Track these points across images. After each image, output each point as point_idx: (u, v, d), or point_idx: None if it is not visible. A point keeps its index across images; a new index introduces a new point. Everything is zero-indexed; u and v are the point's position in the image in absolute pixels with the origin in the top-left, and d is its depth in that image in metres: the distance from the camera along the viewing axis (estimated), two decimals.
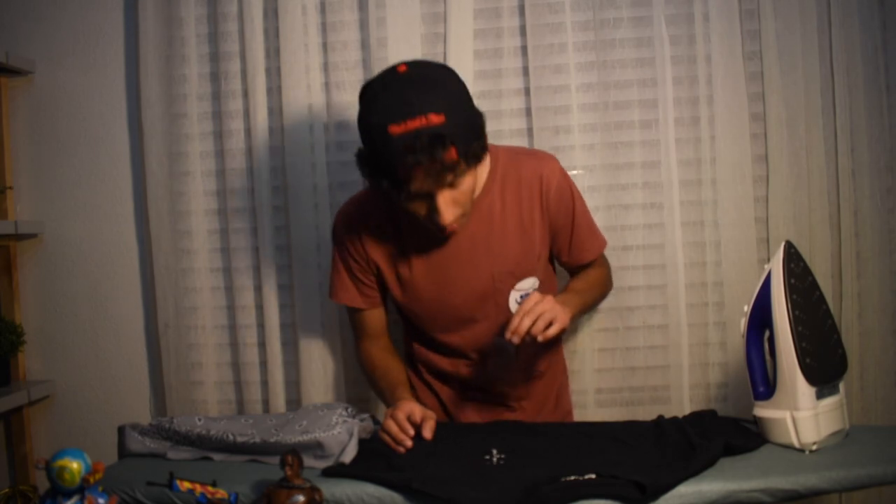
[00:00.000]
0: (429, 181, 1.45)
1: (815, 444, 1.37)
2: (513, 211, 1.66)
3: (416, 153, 1.39)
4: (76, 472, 1.13)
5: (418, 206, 1.51)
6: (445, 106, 1.42)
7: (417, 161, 1.40)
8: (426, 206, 1.51)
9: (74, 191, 2.21)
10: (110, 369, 2.22)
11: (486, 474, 1.32)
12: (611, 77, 2.01)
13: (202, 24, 2.11)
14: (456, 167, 1.44)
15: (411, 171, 1.42)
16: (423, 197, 1.49)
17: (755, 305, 1.45)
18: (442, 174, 1.44)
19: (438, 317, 1.72)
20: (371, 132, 1.44)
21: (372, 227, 1.69)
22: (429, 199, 1.49)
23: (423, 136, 1.39)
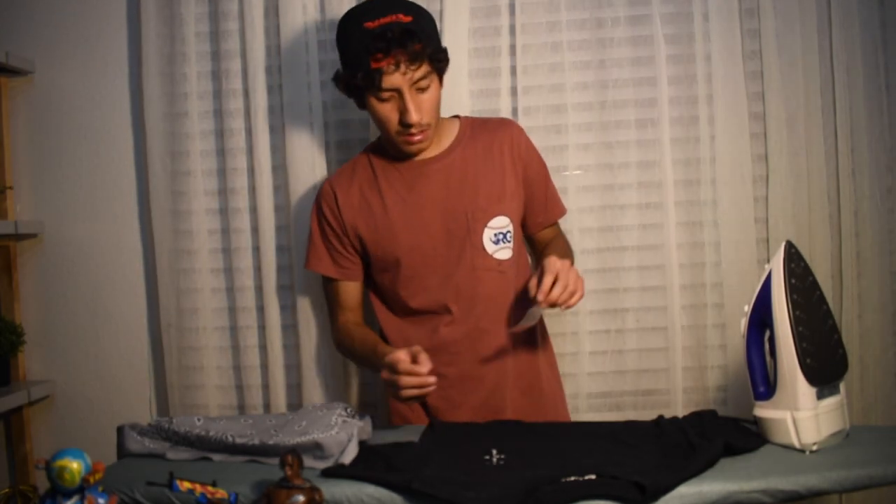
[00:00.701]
0: (398, 75, 1.60)
1: (815, 444, 1.37)
2: (484, 160, 1.76)
3: (388, 42, 1.57)
4: (76, 472, 1.13)
5: (389, 110, 1.65)
6: (415, 11, 1.63)
7: (389, 49, 1.57)
8: (396, 110, 1.64)
9: (74, 191, 2.21)
10: (110, 369, 2.22)
11: (486, 475, 1.32)
12: (608, 76, 2.01)
13: (203, 22, 2.11)
14: (422, 61, 1.60)
15: (383, 61, 1.58)
16: (393, 97, 1.63)
17: (755, 306, 1.45)
18: (410, 67, 1.60)
19: (418, 267, 1.73)
20: (348, 30, 1.64)
21: (354, 193, 1.77)
22: (398, 101, 1.63)
23: (394, 28, 1.57)
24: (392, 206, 1.74)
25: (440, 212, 1.73)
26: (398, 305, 1.79)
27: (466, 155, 1.76)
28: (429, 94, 1.65)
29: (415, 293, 1.75)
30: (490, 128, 1.80)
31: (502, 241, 1.74)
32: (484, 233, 1.73)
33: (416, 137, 1.68)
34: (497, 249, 1.74)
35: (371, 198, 1.76)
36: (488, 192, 1.74)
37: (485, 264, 1.73)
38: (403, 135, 1.67)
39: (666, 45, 2.00)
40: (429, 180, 1.74)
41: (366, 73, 1.60)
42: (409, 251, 1.74)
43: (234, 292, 2.11)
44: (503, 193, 1.75)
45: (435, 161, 1.75)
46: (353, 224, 1.77)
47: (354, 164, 1.83)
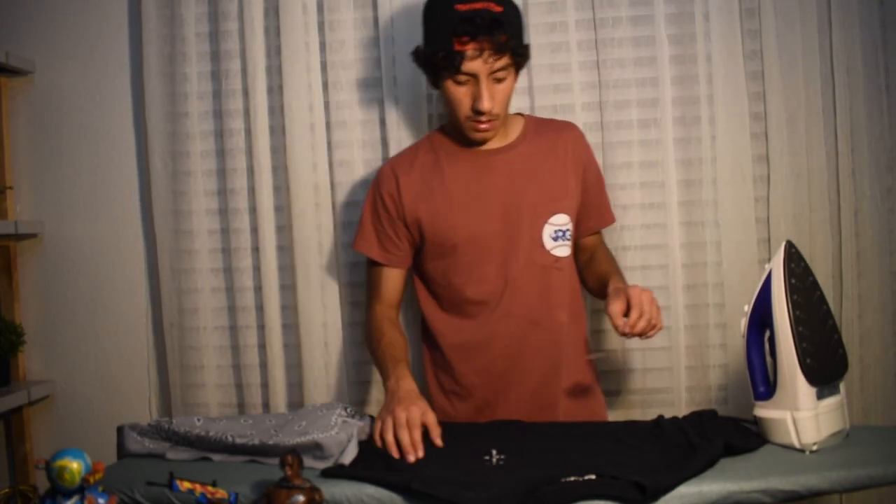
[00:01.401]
0: (479, 62, 1.61)
1: (815, 444, 1.37)
2: (548, 157, 1.77)
3: (476, 28, 1.58)
4: (76, 472, 1.13)
5: (463, 94, 1.65)
6: (506, 2, 1.64)
7: (475, 34, 1.58)
8: (470, 95, 1.65)
9: (74, 191, 2.21)
10: (110, 369, 2.22)
11: (486, 475, 1.32)
12: (609, 76, 2.01)
13: (203, 22, 2.11)
14: (505, 53, 1.61)
15: (468, 45, 1.59)
16: (469, 82, 1.64)
17: (755, 306, 1.45)
18: (492, 57, 1.61)
19: (475, 255, 1.73)
20: (436, 8, 1.66)
21: (415, 177, 1.77)
22: (474, 86, 1.64)
23: (484, 15, 1.58)
24: (454, 192, 1.75)
25: (502, 203, 1.73)
26: (449, 295, 1.78)
27: (531, 151, 1.77)
28: (504, 86, 1.67)
29: (469, 282, 1.75)
30: (554, 127, 1.83)
31: (561, 239, 1.76)
32: (544, 228, 1.74)
33: (484, 125, 1.69)
34: (555, 246, 1.75)
35: (433, 182, 1.76)
36: (551, 189, 1.76)
37: (542, 259, 1.74)
38: (472, 121, 1.68)
39: (668, 46, 2.00)
40: (494, 171, 1.75)
41: (448, 54, 1.62)
42: (467, 239, 1.74)
43: (234, 292, 2.11)
44: (565, 192, 1.77)
45: (501, 153, 1.76)
46: (413, 208, 1.76)
47: (416, 148, 1.83)
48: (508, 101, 1.70)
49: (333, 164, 2.07)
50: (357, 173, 2.07)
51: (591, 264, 1.84)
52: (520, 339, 1.74)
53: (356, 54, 2.07)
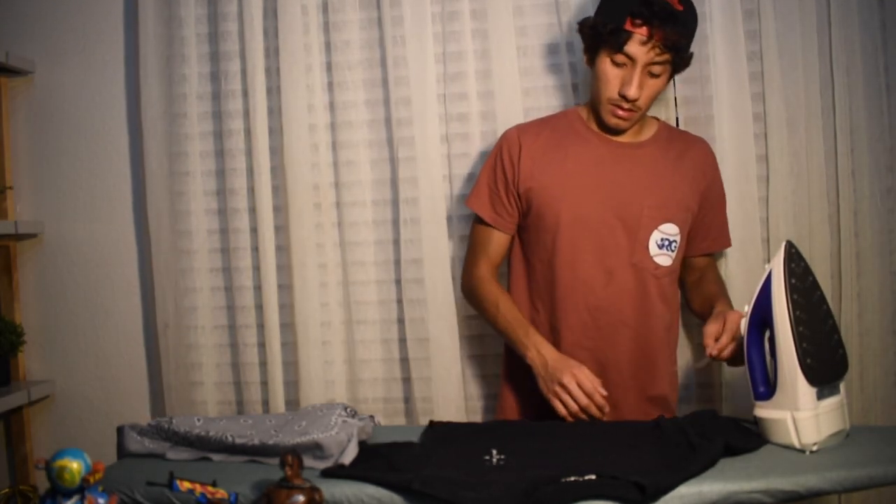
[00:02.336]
0: (643, 48, 1.63)
1: (815, 444, 1.37)
2: (674, 166, 1.78)
3: (653, 13, 1.60)
4: (76, 472, 1.13)
5: (615, 75, 1.67)
6: (688, 5, 1.66)
7: (650, 20, 1.60)
8: (620, 78, 1.67)
9: (74, 191, 2.21)
10: (110, 369, 2.22)
11: (486, 475, 1.32)
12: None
13: (202, 23, 2.11)
14: (669, 50, 1.63)
15: (639, 28, 1.61)
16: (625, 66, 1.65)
17: (756, 305, 1.45)
18: (656, 48, 1.62)
19: (575, 239, 1.73)
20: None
21: (539, 146, 1.77)
22: (628, 71, 1.65)
23: (664, 5, 1.61)
24: (573, 172, 1.74)
25: (618, 197, 1.73)
26: (543, 274, 1.77)
27: (658, 155, 1.78)
28: (655, 82, 1.68)
29: (566, 265, 1.74)
30: (686, 139, 1.85)
31: (666, 248, 1.75)
32: (653, 234, 1.74)
33: (622, 113, 1.70)
34: (659, 254, 1.75)
35: (554, 157, 1.76)
36: (669, 196, 1.75)
37: (643, 263, 1.74)
38: (614, 105, 1.69)
39: None
40: (617, 164, 1.75)
41: (616, 29, 1.63)
42: (573, 221, 1.73)
43: (232, 291, 2.11)
44: (681, 204, 1.77)
45: (629, 148, 1.77)
46: (528, 176, 1.76)
47: (547, 120, 1.84)
48: (654, 98, 1.72)
49: (339, 164, 2.07)
50: (357, 174, 2.07)
51: (700, 285, 1.84)
52: (607, 336, 1.74)
53: (361, 54, 2.07)
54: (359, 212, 2.08)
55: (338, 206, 2.08)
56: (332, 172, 2.08)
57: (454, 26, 2.04)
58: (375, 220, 2.09)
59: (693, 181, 1.79)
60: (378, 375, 2.11)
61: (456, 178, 2.05)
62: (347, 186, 2.07)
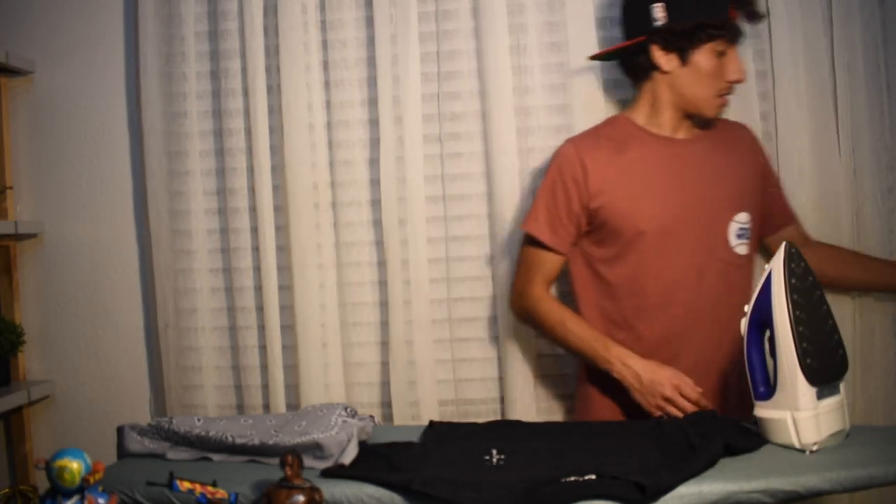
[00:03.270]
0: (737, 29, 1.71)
1: (815, 444, 1.37)
2: (731, 153, 1.80)
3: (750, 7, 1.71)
4: (76, 472, 1.13)
5: (718, 66, 1.70)
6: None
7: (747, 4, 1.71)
8: (722, 66, 1.70)
9: (74, 191, 2.21)
10: (110, 369, 2.22)
11: (486, 475, 1.32)
12: (611, 76, 2.01)
13: (202, 22, 2.11)
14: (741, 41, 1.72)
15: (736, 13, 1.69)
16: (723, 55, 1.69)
17: (756, 305, 1.44)
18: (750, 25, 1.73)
19: (661, 244, 1.71)
20: None
21: (601, 159, 1.75)
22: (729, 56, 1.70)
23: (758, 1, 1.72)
24: (643, 178, 1.73)
25: (692, 194, 1.73)
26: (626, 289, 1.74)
27: (714, 145, 1.79)
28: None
29: (651, 272, 1.72)
30: (729, 125, 1.86)
31: (744, 237, 1.77)
32: (730, 225, 1.75)
33: (726, 99, 1.75)
34: (738, 244, 1.76)
35: (619, 167, 1.74)
36: (737, 185, 1.77)
37: (727, 256, 1.75)
38: (725, 93, 1.73)
39: None
40: (684, 161, 1.76)
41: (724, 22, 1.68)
42: (656, 227, 1.71)
43: (233, 292, 2.11)
44: (748, 190, 1.79)
45: (688, 144, 1.78)
46: (599, 192, 1.73)
47: (601, 129, 1.82)
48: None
49: (335, 164, 2.07)
50: (356, 174, 2.07)
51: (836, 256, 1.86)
52: (706, 338, 1.72)
53: (357, 53, 2.06)
54: (355, 212, 2.07)
55: (334, 207, 2.07)
56: (329, 172, 2.07)
57: (447, 25, 2.04)
58: (373, 220, 2.08)
59: (751, 165, 1.82)
60: (374, 379, 2.10)
61: (448, 178, 2.06)
62: (344, 186, 2.07)
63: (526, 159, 2.02)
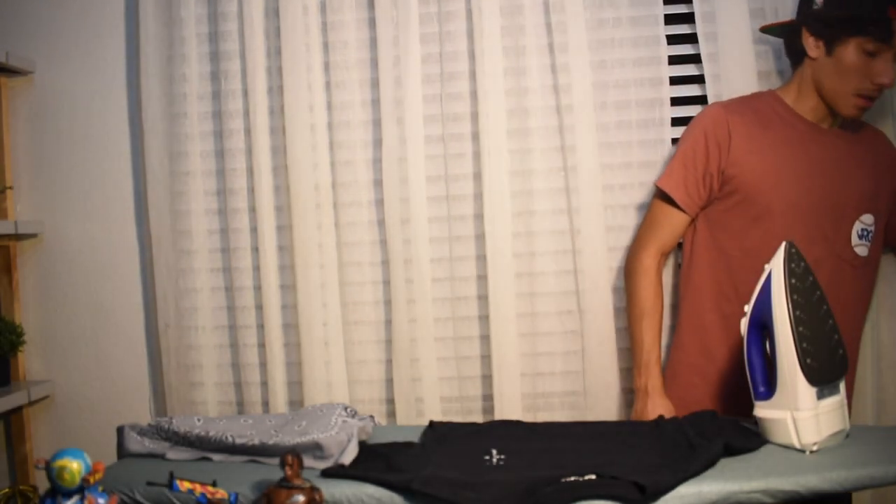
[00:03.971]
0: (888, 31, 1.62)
1: (815, 444, 1.37)
2: (869, 152, 1.79)
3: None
4: (76, 472, 1.13)
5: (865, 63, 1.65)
6: None
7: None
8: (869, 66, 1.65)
9: (74, 191, 2.21)
10: (110, 369, 2.22)
11: (486, 475, 1.32)
12: (609, 77, 2.01)
13: (202, 23, 2.11)
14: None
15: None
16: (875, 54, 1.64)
17: (756, 305, 1.45)
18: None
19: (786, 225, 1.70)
20: None
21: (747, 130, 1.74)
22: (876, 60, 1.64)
23: None
24: (784, 156, 1.73)
25: (826, 184, 1.72)
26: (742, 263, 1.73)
27: (854, 145, 1.78)
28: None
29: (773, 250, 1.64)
30: (873, 132, 1.86)
31: (865, 238, 1.76)
32: (855, 223, 1.74)
33: (868, 103, 1.70)
34: (859, 244, 1.75)
35: (763, 140, 1.73)
36: (868, 185, 1.76)
37: (844, 252, 1.74)
38: (863, 94, 1.68)
39: (668, 46, 2.00)
40: (824, 150, 1.74)
41: (880, 18, 1.62)
42: (785, 206, 1.71)
43: (233, 291, 2.11)
44: (879, 192, 1.77)
45: (831, 133, 1.77)
46: (739, 159, 1.72)
47: (748, 100, 1.81)
48: None
49: (336, 165, 2.07)
50: (357, 174, 2.07)
51: None
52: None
53: (359, 54, 2.07)
54: (356, 212, 2.08)
55: (335, 207, 2.07)
56: (331, 173, 2.07)
57: (449, 27, 2.04)
58: (375, 220, 2.08)
59: (886, 171, 1.80)
60: (376, 377, 2.10)
61: (452, 179, 2.06)
62: (345, 186, 2.07)
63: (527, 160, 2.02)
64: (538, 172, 2.02)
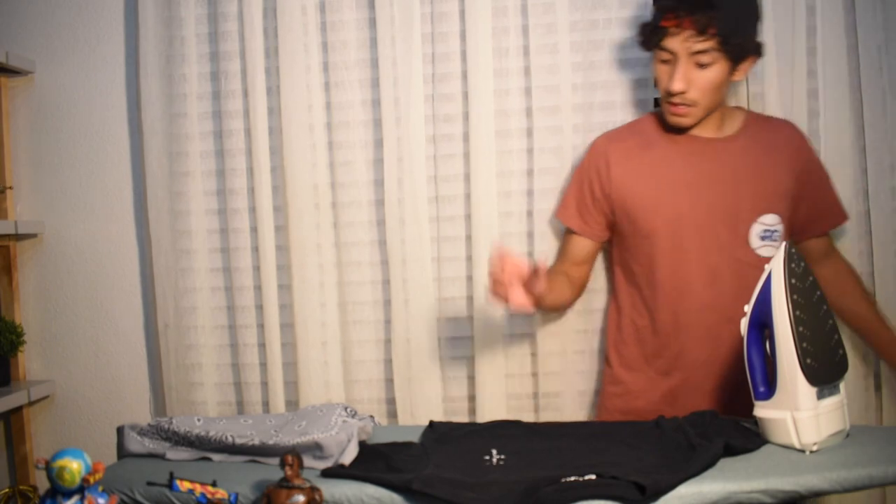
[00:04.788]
0: (678, 40, 1.63)
1: (815, 444, 1.37)
2: (766, 155, 1.76)
3: (682, 3, 1.61)
4: (76, 472, 1.13)
5: (663, 71, 1.69)
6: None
7: (677, 11, 1.62)
8: (669, 74, 1.67)
9: (74, 191, 2.21)
10: (110, 369, 2.22)
11: (486, 475, 1.32)
12: (597, 77, 2.00)
13: (202, 23, 2.11)
14: (707, 35, 1.61)
15: (672, 21, 1.63)
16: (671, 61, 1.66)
17: (756, 305, 1.45)
18: (692, 37, 1.62)
19: (676, 241, 1.74)
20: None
21: (626, 155, 1.79)
22: (673, 66, 1.66)
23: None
24: (664, 173, 1.75)
25: (713, 194, 1.73)
26: (645, 277, 1.78)
27: (748, 146, 1.77)
28: (708, 73, 1.66)
29: (666, 267, 1.75)
30: (773, 124, 1.83)
31: (768, 239, 1.74)
32: (753, 226, 1.74)
33: (677, 108, 1.70)
34: (762, 245, 1.74)
35: (644, 160, 1.77)
36: (766, 186, 1.75)
37: (746, 257, 1.73)
38: (667, 101, 1.71)
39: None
40: (709, 161, 1.75)
41: (653, 28, 1.67)
42: (669, 223, 1.74)
43: (232, 291, 2.11)
44: (779, 192, 1.76)
45: (718, 143, 1.76)
46: (620, 185, 1.78)
47: (634, 125, 1.85)
48: (714, 89, 1.68)
49: (335, 165, 2.07)
50: (356, 174, 2.07)
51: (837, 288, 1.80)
52: (715, 335, 1.73)
53: (358, 55, 2.07)
54: (355, 212, 2.08)
55: (333, 207, 2.07)
56: (329, 173, 2.07)
57: (442, 27, 2.03)
58: (374, 220, 2.08)
59: (788, 166, 1.78)
60: (374, 377, 2.10)
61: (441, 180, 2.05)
62: (344, 187, 2.07)
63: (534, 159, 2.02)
64: (529, 173, 2.02)
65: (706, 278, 1.74)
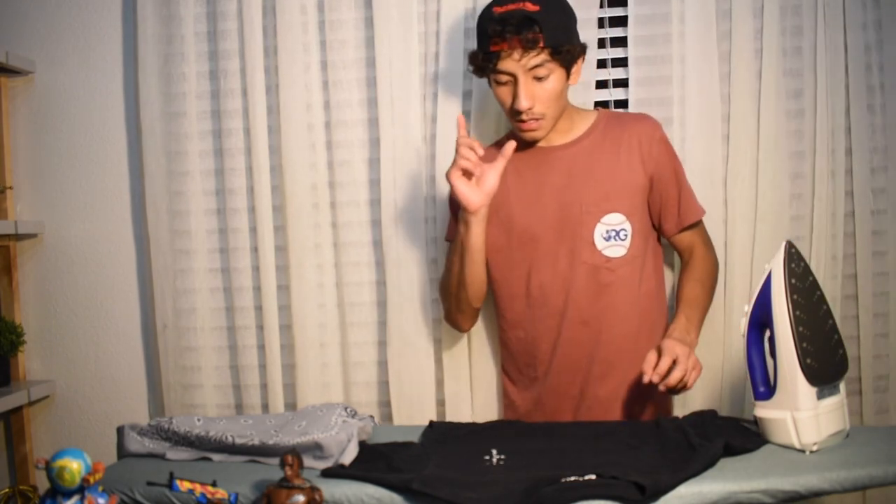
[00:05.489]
0: (512, 61, 1.64)
1: (815, 444, 1.37)
2: (611, 153, 1.76)
3: (507, 25, 1.61)
4: (76, 472, 1.13)
5: (505, 93, 1.69)
6: (544, 3, 1.64)
7: (504, 34, 1.62)
8: (511, 94, 1.68)
9: (74, 191, 2.21)
10: (110, 369, 2.22)
11: (486, 475, 1.32)
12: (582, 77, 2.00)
13: (201, 22, 2.11)
14: (538, 50, 1.63)
15: (500, 45, 1.63)
16: (510, 81, 1.67)
17: (756, 305, 1.44)
18: (525, 54, 1.63)
19: (528, 251, 1.77)
20: (481, 14, 1.70)
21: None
22: (514, 86, 1.67)
23: (516, 15, 1.62)
24: (513, 188, 1.77)
25: (557, 201, 1.75)
26: (507, 287, 1.81)
27: (593, 147, 1.77)
28: (547, 84, 1.67)
29: (522, 277, 1.78)
30: (624, 122, 1.80)
31: (615, 239, 1.75)
32: (596, 227, 1.74)
33: (528, 124, 1.71)
34: (608, 246, 1.75)
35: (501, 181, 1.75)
36: (608, 186, 1.75)
37: (593, 259, 1.74)
38: (516, 120, 1.71)
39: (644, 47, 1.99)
40: (550, 168, 1.77)
41: (485, 55, 1.67)
42: (520, 235, 1.77)
43: (231, 292, 2.11)
44: (622, 190, 1.75)
45: (559, 150, 1.78)
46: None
47: (496, 143, 1.85)
48: (556, 98, 1.69)
49: (334, 164, 2.07)
50: (355, 174, 2.07)
51: (682, 277, 1.81)
52: (568, 338, 1.75)
53: (356, 54, 2.07)
54: (353, 212, 2.07)
55: (332, 207, 2.07)
56: (328, 172, 2.07)
57: (440, 26, 2.03)
58: (372, 220, 2.08)
59: (638, 162, 1.75)
60: (372, 378, 2.10)
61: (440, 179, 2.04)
62: (343, 186, 2.07)
63: None
64: None
65: (559, 285, 1.75)
